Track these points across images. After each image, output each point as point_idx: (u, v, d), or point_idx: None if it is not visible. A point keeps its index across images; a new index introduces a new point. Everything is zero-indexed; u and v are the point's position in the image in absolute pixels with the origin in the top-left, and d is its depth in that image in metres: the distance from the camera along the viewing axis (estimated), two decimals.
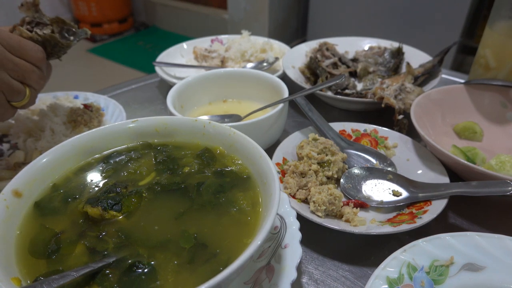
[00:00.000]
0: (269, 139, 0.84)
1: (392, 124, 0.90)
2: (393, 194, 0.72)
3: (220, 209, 0.52)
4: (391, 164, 0.80)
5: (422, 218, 0.63)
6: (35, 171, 0.54)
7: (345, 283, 0.60)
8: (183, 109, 0.91)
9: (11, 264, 0.45)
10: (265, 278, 0.52)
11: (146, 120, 0.64)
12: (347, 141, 0.84)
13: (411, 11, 2.65)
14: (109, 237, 0.49)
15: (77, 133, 0.87)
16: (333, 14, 3.05)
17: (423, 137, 0.75)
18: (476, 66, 0.96)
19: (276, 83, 0.91)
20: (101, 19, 4.27)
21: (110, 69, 3.76)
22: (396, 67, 1.16)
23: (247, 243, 0.47)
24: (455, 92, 0.92)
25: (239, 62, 1.25)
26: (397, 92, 0.93)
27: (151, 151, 0.63)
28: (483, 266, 0.55)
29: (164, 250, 0.47)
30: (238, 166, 0.59)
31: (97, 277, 0.44)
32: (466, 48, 2.77)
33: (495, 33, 0.90)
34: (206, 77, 0.95)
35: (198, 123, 0.63)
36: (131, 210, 0.52)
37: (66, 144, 0.58)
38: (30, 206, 0.52)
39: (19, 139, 0.85)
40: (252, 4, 3.39)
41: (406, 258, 0.55)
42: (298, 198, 0.70)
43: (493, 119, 0.91)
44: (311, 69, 1.14)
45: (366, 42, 1.28)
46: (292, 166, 0.74)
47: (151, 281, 0.43)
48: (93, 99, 1.01)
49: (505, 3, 0.86)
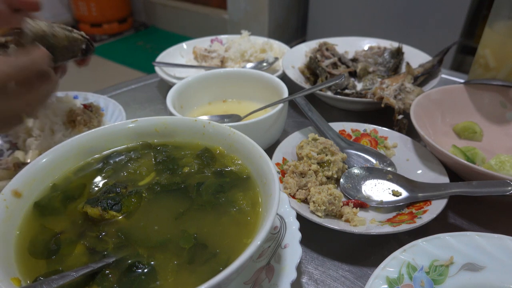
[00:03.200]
0: (269, 139, 0.84)
1: (392, 124, 0.90)
2: (392, 194, 0.72)
3: (220, 209, 0.52)
4: (391, 164, 0.80)
5: (421, 218, 0.63)
6: (34, 171, 0.54)
7: (345, 283, 0.60)
8: (182, 109, 0.91)
9: (11, 264, 0.45)
10: (265, 278, 0.52)
11: (145, 120, 0.64)
12: (347, 141, 0.84)
13: (411, 11, 2.65)
14: (109, 237, 0.48)
15: (77, 133, 0.87)
16: (332, 14, 3.05)
17: (422, 137, 0.75)
18: (476, 66, 0.96)
19: (275, 83, 0.91)
20: (100, 19, 4.27)
21: (109, 69, 3.76)
22: (396, 67, 1.16)
23: (247, 243, 0.47)
24: (455, 92, 0.92)
25: (238, 62, 1.25)
26: (396, 92, 0.93)
27: (151, 151, 0.63)
28: (483, 266, 0.55)
29: (164, 250, 0.47)
30: (238, 166, 0.59)
31: (97, 277, 0.44)
32: (466, 48, 2.77)
33: (494, 33, 0.90)
34: (206, 77, 0.95)
35: (197, 123, 0.63)
36: (130, 210, 0.52)
37: (66, 144, 0.58)
38: (29, 206, 0.52)
39: (18, 139, 0.85)
40: (251, 4, 3.39)
41: (406, 258, 0.55)
42: (298, 198, 0.70)
43: (493, 119, 0.91)
44: (310, 69, 1.14)
45: (365, 42, 1.29)
46: (292, 166, 0.74)
47: (151, 281, 0.43)
48: (93, 99, 1.01)
49: (505, 3, 0.86)
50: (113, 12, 4.29)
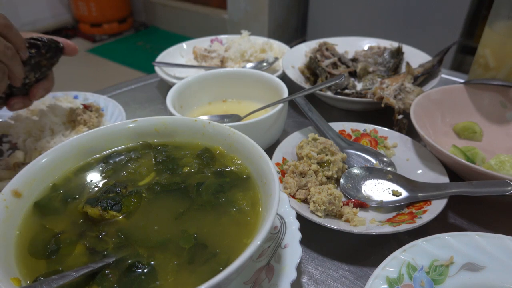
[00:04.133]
0: (269, 139, 0.84)
1: (392, 124, 0.90)
2: (392, 194, 0.72)
3: (219, 209, 0.52)
4: (390, 164, 0.80)
5: (421, 218, 0.63)
6: (34, 171, 0.54)
7: (345, 283, 0.60)
8: (182, 109, 0.91)
9: (10, 264, 0.45)
10: (265, 278, 0.52)
11: (145, 120, 0.64)
12: (346, 141, 0.84)
13: (411, 11, 2.65)
14: (109, 237, 0.48)
15: (77, 133, 0.87)
16: (332, 14, 3.05)
17: (422, 137, 0.75)
18: (476, 66, 0.96)
19: (275, 83, 0.91)
20: (100, 19, 4.27)
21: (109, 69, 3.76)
22: (396, 67, 1.16)
23: (247, 243, 0.47)
24: (455, 92, 0.92)
25: (238, 62, 1.25)
26: (396, 92, 0.93)
27: (151, 151, 0.63)
28: (483, 266, 0.55)
29: (164, 250, 0.47)
30: (238, 166, 0.59)
31: (97, 277, 0.44)
32: (466, 48, 2.77)
33: (494, 33, 0.90)
34: (206, 77, 0.95)
35: (197, 123, 0.63)
36: (130, 210, 0.52)
37: (66, 144, 0.58)
38: (29, 206, 0.52)
39: (18, 139, 0.85)
40: (251, 4, 3.39)
41: (406, 258, 0.55)
42: (298, 198, 0.70)
43: (493, 119, 0.91)
44: (310, 69, 1.14)
45: (365, 42, 1.29)
46: (292, 166, 0.74)
47: (151, 281, 0.43)
48: (93, 99, 1.01)
49: (504, 3, 0.86)
50: (113, 12, 4.29)
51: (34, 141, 0.84)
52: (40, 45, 0.74)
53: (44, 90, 0.79)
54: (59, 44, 0.78)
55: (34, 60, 0.74)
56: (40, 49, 0.74)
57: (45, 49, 0.75)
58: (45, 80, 0.79)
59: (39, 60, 0.75)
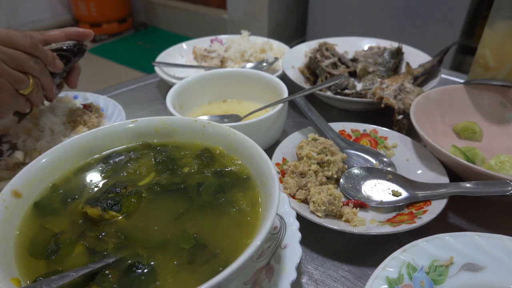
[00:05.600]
0: (269, 139, 0.84)
1: (392, 124, 0.90)
2: (392, 194, 0.72)
3: (219, 209, 0.52)
4: (390, 164, 0.80)
5: (421, 218, 0.63)
6: (34, 171, 0.54)
7: (345, 283, 0.60)
8: (182, 109, 0.91)
9: (10, 265, 0.45)
10: (264, 278, 0.52)
11: (145, 120, 0.64)
12: (346, 141, 0.84)
13: (411, 11, 2.65)
14: (109, 238, 0.48)
15: (77, 133, 0.87)
16: (332, 14, 3.05)
17: (422, 137, 0.75)
18: (476, 66, 0.96)
19: (275, 83, 0.91)
20: (100, 19, 4.27)
21: (109, 69, 3.76)
22: (396, 67, 1.16)
23: (246, 243, 0.47)
24: (455, 92, 0.92)
25: (238, 62, 1.25)
26: (396, 92, 0.93)
27: (151, 151, 0.63)
28: (483, 266, 0.55)
29: (163, 250, 0.47)
30: (238, 166, 0.59)
31: (97, 277, 0.44)
32: (466, 48, 2.77)
33: (494, 33, 0.90)
34: (206, 77, 0.95)
35: (197, 123, 0.63)
36: (130, 211, 0.52)
37: (66, 144, 0.58)
38: (29, 207, 0.52)
39: (18, 139, 0.85)
40: (251, 4, 3.39)
41: (406, 258, 0.55)
42: (298, 198, 0.70)
43: (493, 119, 0.91)
44: (310, 69, 1.14)
45: (365, 42, 1.29)
46: (292, 166, 0.74)
47: (151, 282, 0.43)
48: (93, 99, 1.01)
49: (504, 3, 0.86)
50: (112, 12, 4.29)
51: (34, 141, 0.84)
52: (69, 56, 0.82)
53: (77, 76, 0.90)
54: (83, 46, 0.85)
55: (66, 68, 0.83)
56: (70, 58, 0.82)
57: (73, 56, 0.83)
58: (75, 68, 0.89)
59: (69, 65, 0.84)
